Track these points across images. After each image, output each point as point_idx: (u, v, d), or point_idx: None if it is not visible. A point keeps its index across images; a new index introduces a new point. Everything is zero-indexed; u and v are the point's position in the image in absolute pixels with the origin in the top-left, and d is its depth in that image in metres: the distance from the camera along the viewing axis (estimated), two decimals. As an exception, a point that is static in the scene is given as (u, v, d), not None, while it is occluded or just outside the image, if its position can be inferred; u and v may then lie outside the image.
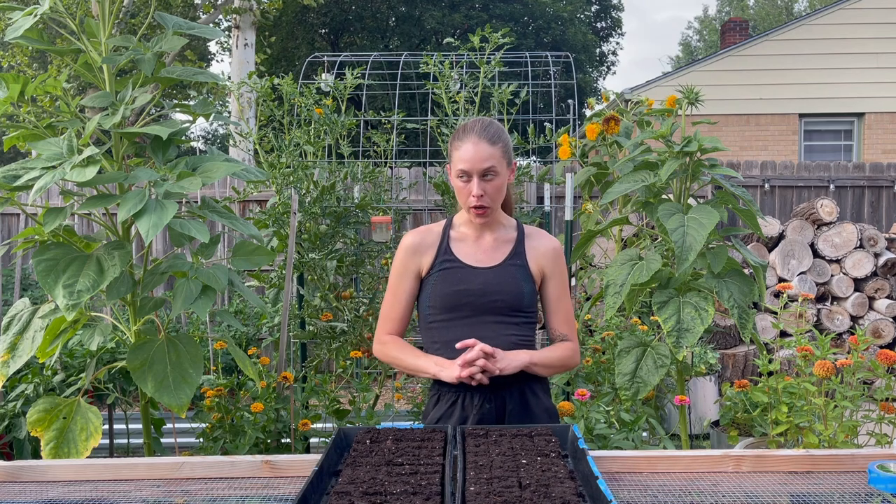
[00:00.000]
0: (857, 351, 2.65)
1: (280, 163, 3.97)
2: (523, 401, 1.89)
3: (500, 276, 1.89)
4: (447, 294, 1.89)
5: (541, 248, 1.96)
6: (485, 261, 1.92)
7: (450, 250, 1.94)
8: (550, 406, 1.96)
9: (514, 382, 1.87)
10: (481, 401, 1.85)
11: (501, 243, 1.95)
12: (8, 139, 2.30)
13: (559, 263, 1.98)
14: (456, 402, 1.88)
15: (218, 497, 1.42)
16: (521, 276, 1.91)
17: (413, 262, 1.95)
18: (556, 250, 1.98)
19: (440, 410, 1.90)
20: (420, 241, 1.96)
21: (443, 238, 1.96)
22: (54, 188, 5.76)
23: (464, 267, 1.91)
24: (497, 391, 1.86)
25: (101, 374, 3.33)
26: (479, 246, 1.94)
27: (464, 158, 1.85)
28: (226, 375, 3.30)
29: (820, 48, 10.77)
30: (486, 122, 1.91)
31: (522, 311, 1.91)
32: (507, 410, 1.87)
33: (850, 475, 1.47)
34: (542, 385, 1.95)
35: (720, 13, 34.21)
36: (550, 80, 4.99)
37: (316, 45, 19.48)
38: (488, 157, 1.84)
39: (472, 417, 1.86)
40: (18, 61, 12.14)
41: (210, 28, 2.48)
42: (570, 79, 12.42)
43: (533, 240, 1.98)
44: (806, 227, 6.21)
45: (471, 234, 1.96)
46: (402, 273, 1.96)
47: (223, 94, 12.86)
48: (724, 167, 2.63)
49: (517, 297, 1.89)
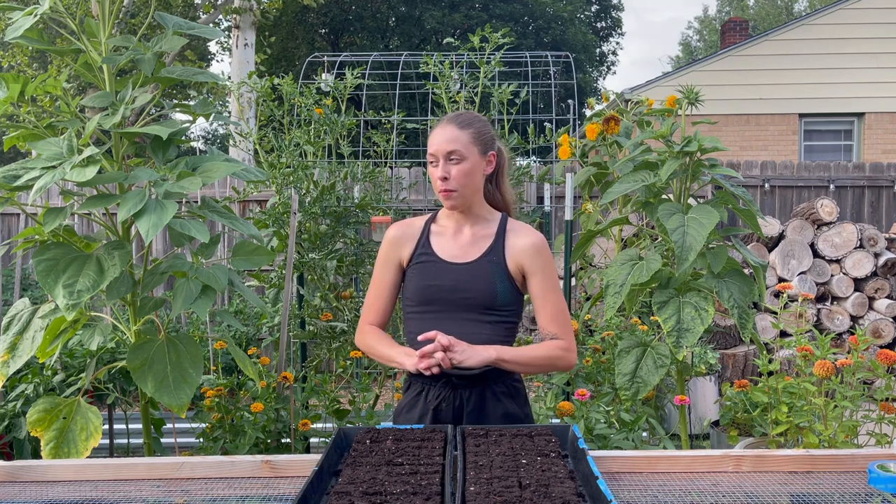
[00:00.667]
0: (857, 351, 2.65)
1: (280, 163, 3.97)
2: (481, 403, 1.84)
3: (473, 274, 1.85)
4: (420, 288, 1.88)
5: (519, 245, 1.89)
6: (460, 256, 1.88)
7: (428, 244, 1.92)
8: (515, 411, 1.88)
9: (474, 383, 1.83)
10: (438, 399, 1.84)
11: (480, 238, 1.91)
12: (8, 139, 2.30)
13: (541, 259, 1.89)
14: (420, 393, 1.88)
15: (218, 497, 1.42)
16: (496, 273, 1.86)
17: (394, 252, 1.95)
18: (535, 246, 1.89)
19: (407, 398, 1.91)
20: (402, 233, 1.95)
21: (423, 231, 1.94)
22: (54, 188, 5.76)
23: (438, 262, 1.88)
24: (455, 390, 1.83)
25: (101, 374, 3.33)
26: (456, 240, 1.91)
27: (432, 142, 1.86)
28: (226, 375, 3.30)
29: (820, 48, 10.77)
30: (461, 112, 1.92)
31: (495, 310, 1.86)
32: (465, 411, 1.83)
33: (850, 475, 1.47)
34: (505, 388, 1.88)
35: (720, 13, 34.22)
36: (550, 80, 4.99)
37: (316, 45, 19.48)
38: (454, 139, 1.83)
39: (429, 414, 1.84)
40: (18, 61, 12.14)
41: (210, 28, 2.48)
42: (570, 79, 12.42)
43: (513, 235, 1.91)
44: (806, 227, 6.21)
45: (450, 227, 1.93)
46: (383, 263, 1.96)
47: (223, 94, 12.86)
48: (724, 167, 2.63)
49: (489, 295, 1.84)
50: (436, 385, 1.85)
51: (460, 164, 1.84)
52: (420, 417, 1.86)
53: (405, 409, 1.91)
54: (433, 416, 1.85)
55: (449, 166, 1.84)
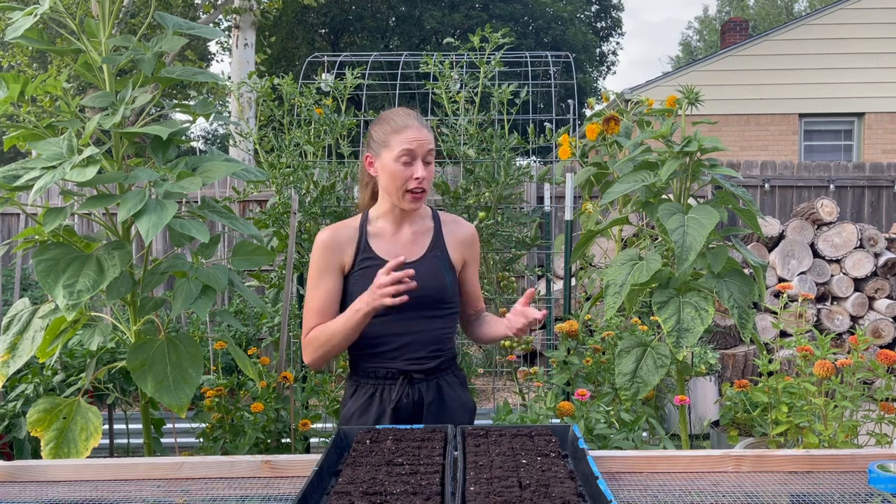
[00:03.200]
0: (857, 351, 2.65)
1: (280, 163, 3.97)
2: (440, 394, 1.89)
3: (423, 270, 1.84)
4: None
5: (459, 235, 1.96)
6: (405, 255, 1.85)
7: (369, 247, 1.89)
8: (468, 400, 1.97)
9: (430, 376, 1.88)
10: (399, 396, 1.85)
11: (420, 235, 1.92)
12: (8, 139, 2.30)
13: (476, 248, 2.00)
14: (374, 394, 1.87)
15: (218, 497, 1.42)
16: (443, 267, 1.90)
17: (334, 258, 1.87)
18: (473, 236, 1.99)
19: (356, 403, 1.88)
20: (335, 237, 1.89)
21: (360, 234, 1.90)
22: (54, 188, 5.75)
23: (383, 264, 1.79)
24: (413, 384, 1.87)
25: (101, 374, 3.33)
26: (397, 240, 1.91)
27: (410, 139, 1.82)
28: (226, 375, 3.29)
29: (820, 48, 10.77)
30: (414, 111, 1.92)
31: (446, 303, 1.90)
32: (426, 403, 1.86)
33: (850, 475, 1.47)
34: (456, 378, 1.96)
35: (720, 13, 34.22)
36: (550, 80, 4.99)
37: (316, 45, 19.48)
38: (430, 139, 1.86)
39: (389, 412, 1.84)
40: (18, 61, 12.14)
41: (210, 28, 2.48)
42: (570, 79, 12.42)
43: (450, 227, 1.96)
44: (806, 227, 6.21)
45: (388, 227, 1.91)
46: (322, 270, 1.87)
47: (223, 94, 12.86)
48: (724, 167, 2.63)
49: (441, 289, 1.87)
50: (390, 384, 1.85)
51: (431, 167, 1.86)
52: (377, 419, 1.85)
53: (357, 414, 1.87)
54: (392, 415, 1.84)
55: (425, 167, 1.84)
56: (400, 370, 1.86)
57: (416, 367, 1.86)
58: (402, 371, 1.86)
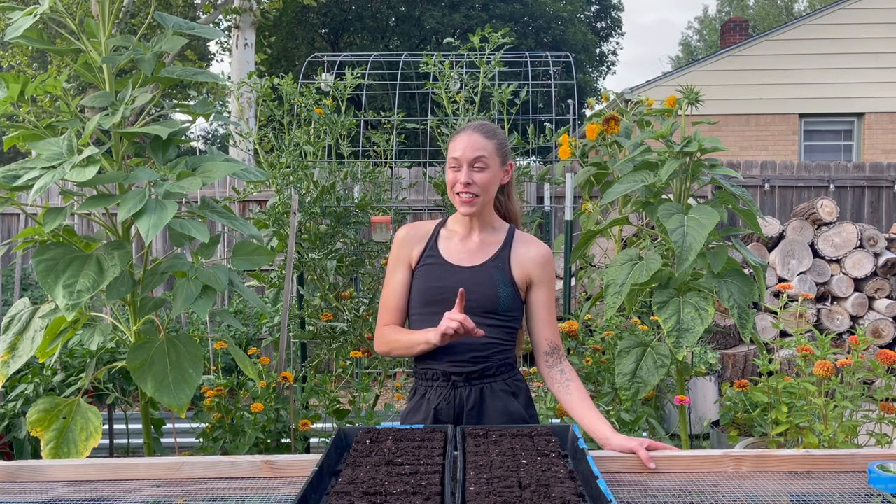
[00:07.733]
0: (857, 351, 2.65)
1: (280, 163, 3.97)
2: (481, 400, 1.89)
3: (478, 277, 1.91)
4: (425, 290, 1.93)
5: (529, 254, 1.96)
6: (466, 260, 1.94)
7: (436, 247, 1.98)
8: (516, 409, 1.91)
9: (473, 381, 1.89)
10: (439, 399, 1.88)
11: (487, 245, 1.97)
12: (8, 139, 2.30)
13: (547, 271, 1.97)
14: (423, 396, 1.92)
15: (218, 497, 1.42)
16: (500, 278, 1.92)
17: (404, 253, 1.99)
18: (544, 257, 1.96)
19: (411, 404, 1.96)
20: (412, 234, 2.01)
21: (433, 234, 2.00)
22: (54, 188, 5.76)
23: (444, 264, 1.93)
24: (455, 389, 1.89)
25: (101, 374, 3.33)
26: (464, 245, 1.97)
27: (456, 147, 1.90)
28: (226, 375, 3.29)
29: (820, 48, 10.77)
30: (485, 123, 1.98)
31: (497, 314, 1.90)
32: (465, 410, 1.88)
33: (850, 475, 1.47)
34: (505, 385, 1.92)
35: (720, 13, 34.21)
36: (550, 80, 4.99)
37: (316, 45, 19.48)
38: (480, 147, 1.89)
39: (431, 414, 1.88)
40: (18, 61, 12.14)
41: (210, 28, 2.48)
42: (570, 79, 12.42)
43: (521, 245, 1.98)
44: (806, 227, 6.21)
45: (460, 232, 1.99)
46: (394, 263, 2.01)
47: (223, 94, 12.87)
48: (724, 167, 2.63)
49: (492, 299, 1.89)
50: (435, 385, 1.90)
51: (483, 172, 1.90)
52: (423, 420, 1.91)
53: (410, 413, 1.95)
54: (434, 416, 1.89)
55: (472, 173, 1.89)
56: (443, 372, 1.89)
57: (457, 370, 1.87)
58: (444, 373, 1.89)
